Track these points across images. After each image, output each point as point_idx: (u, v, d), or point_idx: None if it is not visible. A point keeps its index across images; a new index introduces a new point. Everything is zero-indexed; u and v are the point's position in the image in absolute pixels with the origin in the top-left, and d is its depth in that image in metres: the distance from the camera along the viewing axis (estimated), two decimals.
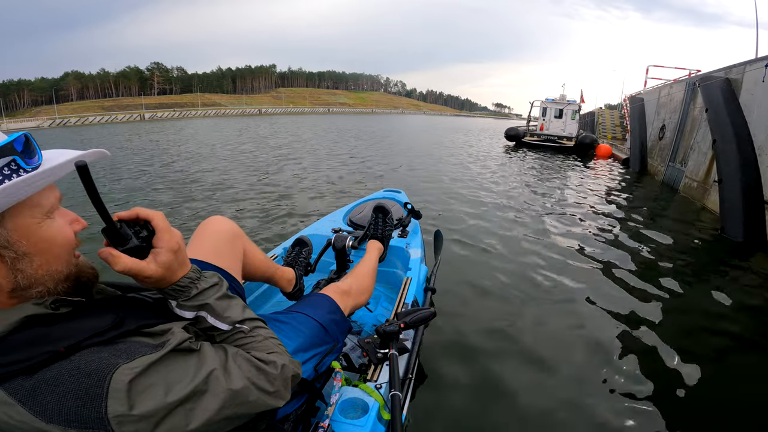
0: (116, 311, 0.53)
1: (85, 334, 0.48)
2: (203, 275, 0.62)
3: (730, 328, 2.40)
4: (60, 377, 0.45)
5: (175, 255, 0.57)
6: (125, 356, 0.48)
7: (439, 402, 1.69)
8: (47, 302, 0.49)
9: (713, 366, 2.02)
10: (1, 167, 0.47)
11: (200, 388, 0.51)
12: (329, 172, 7.52)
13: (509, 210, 5.01)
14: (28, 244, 0.49)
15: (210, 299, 0.61)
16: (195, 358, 0.53)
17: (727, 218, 4.40)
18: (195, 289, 0.60)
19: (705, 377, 1.90)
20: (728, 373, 2.01)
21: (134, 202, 5.18)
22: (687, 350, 2.11)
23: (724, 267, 3.51)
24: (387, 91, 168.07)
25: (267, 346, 0.63)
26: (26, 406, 0.43)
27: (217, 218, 1.06)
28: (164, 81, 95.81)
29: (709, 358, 2.08)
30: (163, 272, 0.55)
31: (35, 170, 0.50)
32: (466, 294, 2.66)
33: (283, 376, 0.61)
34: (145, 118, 42.78)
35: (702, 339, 2.29)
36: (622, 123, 17.02)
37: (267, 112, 60.94)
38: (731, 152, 4.68)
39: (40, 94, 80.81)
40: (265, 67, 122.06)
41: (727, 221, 4.38)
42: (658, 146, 8.52)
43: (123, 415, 0.44)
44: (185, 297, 0.59)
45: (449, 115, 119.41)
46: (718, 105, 5.30)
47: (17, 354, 0.45)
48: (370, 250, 1.55)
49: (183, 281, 0.59)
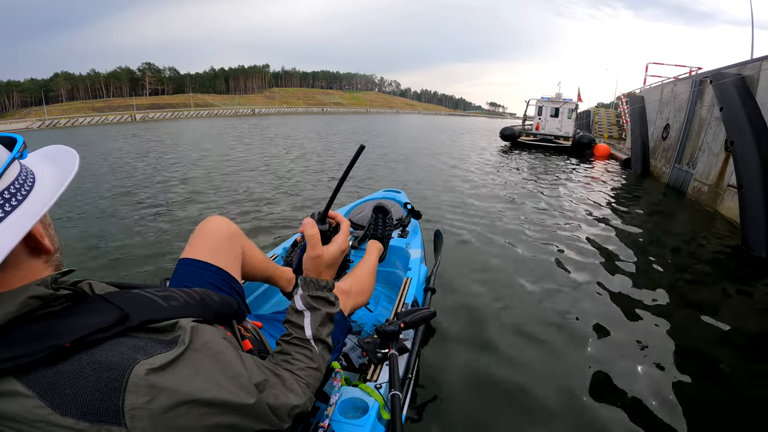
0: (120, 306, 0.52)
1: (90, 329, 0.47)
2: (334, 292, 0.77)
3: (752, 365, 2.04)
4: (81, 370, 0.45)
5: (339, 255, 0.76)
6: (143, 352, 0.48)
7: (439, 402, 1.69)
8: (48, 281, 0.49)
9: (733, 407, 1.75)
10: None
11: (216, 393, 0.51)
12: (329, 172, 7.53)
13: (509, 211, 5.02)
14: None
15: (324, 308, 0.74)
16: (214, 361, 0.54)
17: (750, 230, 3.92)
18: (325, 292, 0.74)
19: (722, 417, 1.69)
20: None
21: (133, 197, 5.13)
22: (703, 379, 1.90)
23: (746, 287, 3.02)
24: (381, 91, 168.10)
25: (300, 376, 0.69)
26: (44, 398, 0.43)
27: (216, 218, 1.05)
28: (156, 81, 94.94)
29: (727, 397, 1.79)
30: (325, 258, 0.73)
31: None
32: (465, 294, 2.66)
33: (292, 413, 0.64)
34: (137, 119, 42.32)
35: (718, 372, 1.99)
36: (618, 122, 16.83)
37: (260, 113, 60.60)
38: (751, 155, 4.32)
39: (30, 95, 79.79)
40: (258, 67, 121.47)
41: (749, 234, 3.89)
42: (662, 146, 8.20)
43: (138, 408, 0.44)
44: (313, 291, 0.73)
45: (444, 114, 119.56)
46: (733, 104, 4.93)
47: (27, 346, 0.45)
48: (370, 250, 1.54)
49: (323, 281, 0.74)
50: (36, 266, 0.50)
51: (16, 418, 0.43)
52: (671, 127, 7.91)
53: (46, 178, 0.52)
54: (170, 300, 0.61)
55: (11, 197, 0.47)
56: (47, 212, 0.50)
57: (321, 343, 0.74)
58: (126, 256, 3.33)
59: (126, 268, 3.08)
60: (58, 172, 0.53)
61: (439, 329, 2.17)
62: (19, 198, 0.47)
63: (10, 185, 0.47)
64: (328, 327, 0.75)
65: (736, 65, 5.58)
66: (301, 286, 0.75)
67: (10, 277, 0.46)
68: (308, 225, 0.74)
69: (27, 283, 0.47)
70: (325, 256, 0.74)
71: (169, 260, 3.14)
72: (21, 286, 0.47)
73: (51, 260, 0.52)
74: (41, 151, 0.57)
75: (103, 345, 0.48)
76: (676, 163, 7.18)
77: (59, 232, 0.56)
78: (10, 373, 0.44)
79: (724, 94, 5.27)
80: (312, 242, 0.73)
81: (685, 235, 4.39)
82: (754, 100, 4.78)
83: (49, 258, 0.52)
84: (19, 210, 0.46)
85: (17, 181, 0.48)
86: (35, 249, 0.50)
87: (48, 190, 0.50)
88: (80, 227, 4.15)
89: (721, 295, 2.93)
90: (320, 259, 0.74)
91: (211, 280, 0.94)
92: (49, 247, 0.51)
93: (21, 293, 0.46)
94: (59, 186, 0.50)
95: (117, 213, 4.68)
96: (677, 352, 2.11)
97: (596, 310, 2.53)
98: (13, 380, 0.44)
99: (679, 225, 4.92)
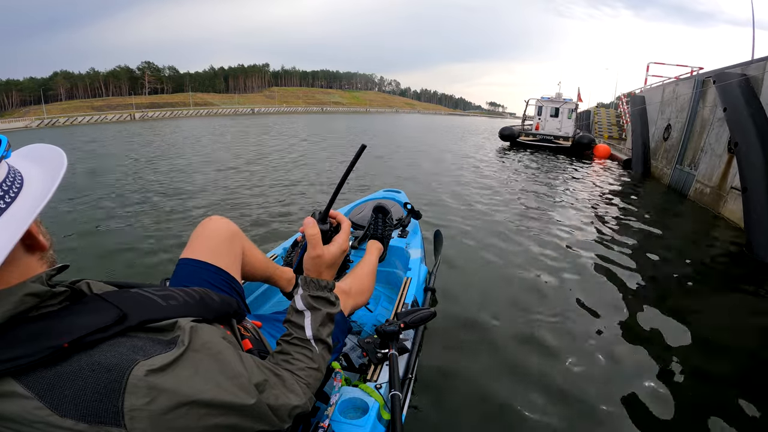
0: (118, 306, 0.52)
1: (89, 329, 0.47)
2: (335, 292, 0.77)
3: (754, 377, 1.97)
4: (80, 371, 0.45)
5: (339, 255, 0.76)
6: (142, 353, 0.48)
7: (439, 402, 1.69)
8: (43, 278, 0.49)
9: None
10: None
11: (216, 394, 0.51)
12: (329, 173, 7.52)
13: (509, 211, 5.02)
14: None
15: (324, 308, 0.74)
16: (214, 361, 0.53)
17: (754, 234, 3.84)
18: (325, 292, 0.74)
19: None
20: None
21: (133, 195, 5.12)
22: (703, 382, 1.88)
23: (751, 291, 2.96)
24: (381, 91, 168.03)
25: (300, 377, 0.69)
26: (44, 399, 0.43)
27: (216, 218, 1.05)
28: (155, 80, 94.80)
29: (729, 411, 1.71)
30: (326, 257, 0.73)
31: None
32: (466, 294, 2.66)
33: (293, 413, 0.64)
34: (136, 117, 42.23)
35: (719, 376, 1.95)
36: (618, 122, 16.75)
37: (260, 112, 60.55)
38: (756, 157, 4.23)
39: (29, 94, 79.60)
40: (258, 66, 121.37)
41: (754, 237, 3.81)
42: (663, 147, 8.12)
43: (137, 409, 0.44)
44: (314, 291, 0.73)
45: (444, 114, 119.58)
46: (737, 104, 4.85)
47: (26, 347, 0.45)
48: (369, 251, 1.54)
49: (323, 281, 0.74)
50: (31, 263, 0.50)
51: (15, 419, 0.43)
52: (673, 128, 7.86)
53: (35, 177, 0.51)
54: (169, 299, 0.60)
55: (4, 195, 0.46)
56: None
57: (321, 343, 0.73)
58: (126, 256, 3.33)
59: (126, 268, 3.07)
60: (46, 171, 0.53)
61: (439, 329, 2.17)
62: (12, 195, 0.47)
63: (2, 183, 0.47)
64: (329, 327, 0.75)
65: (740, 65, 5.50)
66: (301, 285, 0.75)
67: (7, 275, 0.46)
68: (309, 224, 0.73)
69: (23, 281, 0.47)
70: (326, 255, 0.74)
71: (169, 260, 3.14)
72: (17, 284, 0.46)
73: (45, 257, 0.52)
74: (22, 151, 0.57)
75: (102, 345, 0.47)
76: (677, 164, 7.11)
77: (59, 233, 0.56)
78: (9, 374, 0.44)
79: (727, 95, 5.20)
80: (313, 242, 0.73)
81: (687, 237, 4.36)
82: (759, 101, 4.70)
83: (43, 255, 0.52)
84: (13, 207, 0.46)
85: (7, 180, 0.48)
86: (30, 246, 0.50)
87: (39, 188, 0.50)
88: (81, 227, 4.14)
89: (724, 299, 2.88)
90: (321, 259, 0.73)
91: (210, 280, 0.93)
92: (44, 244, 0.51)
93: (17, 291, 0.46)
94: (51, 184, 0.50)
95: (117, 213, 4.67)
96: (678, 355, 2.10)
97: (596, 312, 2.52)
98: (12, 381, 0.44)
99: (680, 227, 4.88)
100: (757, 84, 4.83)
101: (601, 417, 1.65)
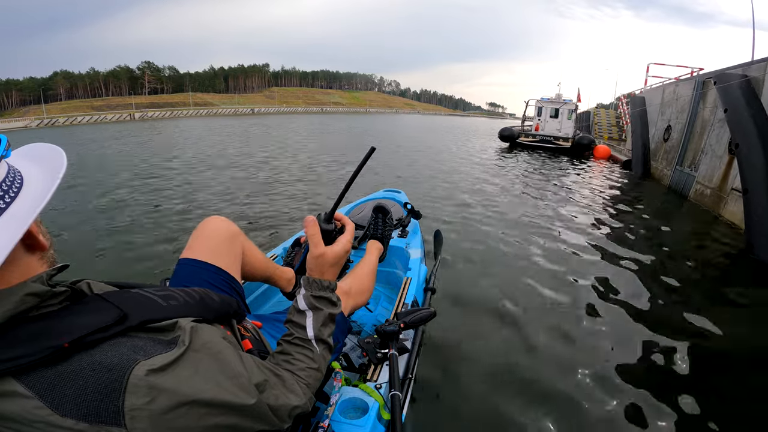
0: (119, 306, 0.52)
1: (89, 329, 0.47)
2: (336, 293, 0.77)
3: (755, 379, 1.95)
4: (81, 371, 0.45)
5: (342, 256, 0.76)
6: (143, 353, 0.48)
7: (439, 402, 1.69)
8: (43, 278, 0.49)
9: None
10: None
11: (216, 394, 0.51)
12: (328, 173, 7.52)
13: (509, 212, 5.02)
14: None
15: (326, 308, 0.73)
16: (214, 361, 0.54)
17: (755, 235, 3.81)
18: (327, 292, 0.74)
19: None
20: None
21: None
22: (703, 385, 1.86)
23: (751, 293, 2.96)
24: (381, 91, 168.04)
25: (301, 377, 0.69)
26: (44, 399, 0.43)
27: (216, 218, 1.05)
28: (155, 80, 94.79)
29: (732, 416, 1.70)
30: (329, 257, 0.73)
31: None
32: (466, 294, 2.66)
33: (293, 413, 0.64)
34: (136, 117, 42.22)
35: (720, 380, 1.93)
36: (618, 123, 16.74)
37: (260, 112, 60.54)
38: (757, 158, 4.21)
39: (29, 93, 79.55)
40: (258, 67, 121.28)
41: (755, 239, 3.79)
42: (663, 148, 8.10)
43: (138, 408, 0.44)
44: (316, 292, 0.73)
45: (444, 114, 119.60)
46: (738, 105, 4.84)
47: (27, 346, 0.45)
48: (369, 251, 1.54)
49: (325, 281, 0.74)
50: (32, 263, 0.50)
51: (15, 418, 0.43)
52: (673, 129, 7.83)
53: (34, 176, 0.51)
54: (169, 299, 0.60)
55: (4, 194, 0.46)
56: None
57: (322, 343, 0.73)
58: (126, 256, 3.32)
59: (126, 269, 3.07)
60: (46, 170, 0.53)
61: (439, 329, 2.17)
62: (11, 194, 0.47)
63: (2, 182, 0.47)
64: (330, 327, 0.75)
65: (741, 66, 5.48)
66: (303, 285, 0.75)
67: (8, 275, 0.46)
68: (309, 223, 0.74)
69: (24, 281, 0.47)
70: (329, 255, 0.74)
71: (169, 260, 3.14)
72: (18, 284, 0.46)
73: (45, 256, 0.53)
74: (21, 150, 0.57)
75: (103, 345, 0.47)
76: (677, 165, 7.10)
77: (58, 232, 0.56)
78: (10, 373, 0.44)
79: (728, 96, 5.19)
80: (313, 241, 0.73)
81: (687, 239, 4.35)
82: (760, 102, 4.69)
83: (43, 254, 0.52)
84: (13, 207, 0.46)
85: (7, 179, 0.48)
86: (31, 246, 0.50)
87: (39, 187, 0.50)
88: (80, 227, 4.14)
89: (725, 300, 2.87)
90: (323, 258, 0.74)
91: (210, 280, 0.93)
92: (44, 244, 0.51)
93: (18, 290, 0.46)
94: (50, 183, 0.50)
95: (117, 213, 4.67)
96: (678, 357, 2.10)
97: (595, 312, 2.52)
98: (12, 381, 0.44)
99: (680, 229, 4.86)
100: (757, 85, 4.83)
101: (601, 417, 1.65)
